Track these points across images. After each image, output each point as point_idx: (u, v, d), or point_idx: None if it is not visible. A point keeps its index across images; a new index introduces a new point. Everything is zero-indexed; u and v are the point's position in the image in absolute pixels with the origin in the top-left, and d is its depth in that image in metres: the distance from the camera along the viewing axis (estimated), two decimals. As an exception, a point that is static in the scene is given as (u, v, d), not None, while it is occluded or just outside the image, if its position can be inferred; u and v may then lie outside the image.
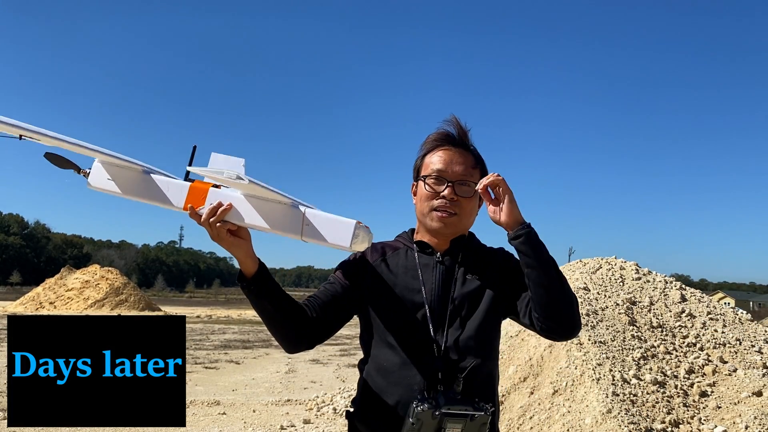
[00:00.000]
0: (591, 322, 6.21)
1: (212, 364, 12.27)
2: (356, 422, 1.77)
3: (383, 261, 1.81)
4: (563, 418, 5.12)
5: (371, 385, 1.74)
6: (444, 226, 1.76)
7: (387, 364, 1.72)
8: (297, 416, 7.45)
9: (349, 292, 1.79)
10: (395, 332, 1.73)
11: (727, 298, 62.07)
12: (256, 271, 1.62)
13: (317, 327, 1.72)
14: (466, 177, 1.75)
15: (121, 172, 1.70)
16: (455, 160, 1.76)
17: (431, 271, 1.77)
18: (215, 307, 43.75)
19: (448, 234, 1.78)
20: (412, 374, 1.68)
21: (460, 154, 1.77)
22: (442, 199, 1.74)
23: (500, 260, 1.82)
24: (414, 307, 1.73)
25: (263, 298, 1.63)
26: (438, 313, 1.73)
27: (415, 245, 1.82)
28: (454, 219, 1.75)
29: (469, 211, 1.78)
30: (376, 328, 1.76)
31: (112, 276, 34.50)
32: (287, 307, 1.66)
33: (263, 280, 1.63)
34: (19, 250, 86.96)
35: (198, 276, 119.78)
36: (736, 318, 7.11)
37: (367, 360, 1.80)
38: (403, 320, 1.73)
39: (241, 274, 1.64)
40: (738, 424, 5.04)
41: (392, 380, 1.70)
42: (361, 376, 1.81)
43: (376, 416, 1.71)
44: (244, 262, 1.62)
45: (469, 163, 1.77)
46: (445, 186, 1.74)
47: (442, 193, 1.74)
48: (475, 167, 1.78)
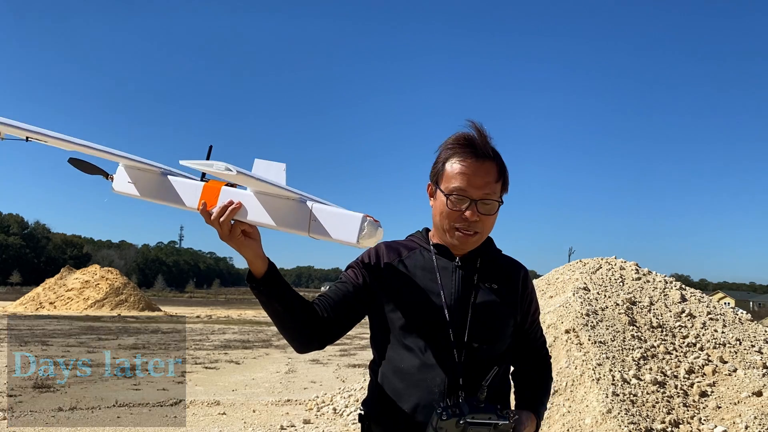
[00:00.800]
0: (591, 322, 6.21)
1: (212, 364, 12.26)
2: (372, 425, 1.74)
3: (400, 261, 1.78)
4: (563, 418, 5.12)
5: (387, 388, 1.71)
6: (464, 245, 1.74)
7: (404, 366, 1.69)
8: (297, 416, 7.45)
9: (362, 292, 1.75)
10: (414, 334, 1.70)
11: (727, 298, 62.08)
12: (266, 272, 1.59)
13: (328, 327, 1.69)
14: (488, 194, 1.69)
15: (141, 174, 1.71)
16: (478, 176, 1.68)
17: (450, 275, 1.75)
18: (215, 307, 43.73)
19: (467, 250, 1.77)
20: (432, 377, 1.66)
21: (483, 168, 1.69)
22: (464, 220, 1.69)
23: (521, 281, 1.85)
24: (433, 310, 1.70)
25: (273, 299, 1.60)
26: (458, 317, 1.70)
27: (432, 248, 1.80)
28: (476, 238, 1.72)
29: (490, 227, 1.76)
30: (392, 330, 1.73)
31: (112, 276, 34.49)
32: (298, 308, 1.64)
33: (273, 280, 1.60)
34: (19, 250, 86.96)
35: (198, 276, 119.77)
36: (736, 318, 7.11)
37: (380, 362, 1.77)
38: (422, 322, 1.70)
39: (251, 275, 1.60)
40: (738, 424, 5.04)
41: (411, 383, 1.67)
42: (374, 378, 1.78)
43: (394, 419, 1.68)
44: (254, 263, 1.58)
45: (491, 176, 1.70)
46: (467, 205, 1.69)
47: (464, 214, 1.69)
48: (498, 180, 1.72)
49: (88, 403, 7.93)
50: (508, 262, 1.86)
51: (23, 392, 8.53)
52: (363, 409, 1.79)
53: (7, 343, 14.68)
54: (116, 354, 13.33)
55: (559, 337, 6.09)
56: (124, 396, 8.43)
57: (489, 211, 1.70)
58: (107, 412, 7.41)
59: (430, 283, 1.73)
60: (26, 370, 10.57)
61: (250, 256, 1.58)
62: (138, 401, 8.10)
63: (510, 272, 1.83)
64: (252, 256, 1.58)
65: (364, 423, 1.77)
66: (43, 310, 30.75)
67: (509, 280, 1.81)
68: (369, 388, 1.82)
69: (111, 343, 15.80)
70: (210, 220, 1.56)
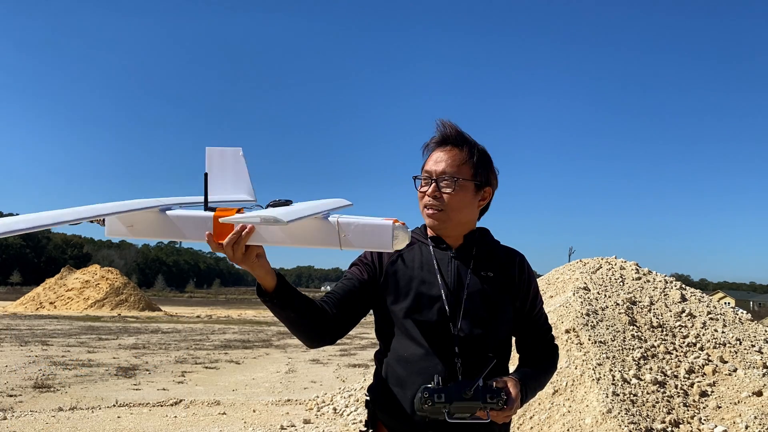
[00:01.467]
0: (591, 322, 6.21)
1: (212, 364, 12.26)
2: (377, 410, 1.84)
3: (399, 256, 1.87)
4: (563, 418, 5.12)
5: (391, 376, 1.81)
6: (434, 222, 1.83)
7: (407, 355, 1.79)
8: (297, 416, 7.45)
9: (366, 287, 1.85)
10: (415, 325, 1.80)
11: (727, 297, 62.02)
12: (277, 285, 1.63)
13: (338, 324, 1.79)
14: (447, 172, 1.80)
15: (138, 217, 1.61)
16: (440, 159, 1.82)
17: (446, 266, 1.84)
18: (215, 307, 43.73)
19: (442, 230, 1.85)
20: (433, 365, 1.75)
21: (448, 152, 1.82)
22: (427, 197, 1.82)
23: (517, 267, 1.90)
24: (432, 301, 1.80)
25: (287, 308, 1.66)
26: (455, 306, 1.79)
27: (430, 241, 1.89)
28: (441, 215, 1.81)
29: (457, 205, 1.81)
30: (395, 321, 1.83)
31: (112, 276, 34.49)
32: (309, 311, 1.71)
33: (285, 292, 1.65)
34: (19, 250, 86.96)
35: (198, 276, 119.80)
36: (736, 318, 7.11)
37: (385, 351, 1.86)
38: (421, 313, 1.79)
39: (261, 289, 1.64)
40: (738, 424, 5.04)
41: (413, 371, 1.76)
42: (379, 366, 1.88)
43: (398, 406, 1.77)
44: (264, 278, 1.61)
45: (454, 159, 1.81)
46: (430, 184, 1.81)
47: (426, 192, 1.82)
48: (465, 164, 1.82)
49: (88, 403, 7.93)
50: (505, 251, 1.94)
51: (23, 392, 8.53)
52: (368, 395, 1.89)
53: (7, 343, 14.68)
54: (116, 354, 13.34)
55: (559, 337, 6.08)
56: (124, 396, 8.44)
57: (448, 186, 1.79)
58: (107, 412, 7.41)
59: (429, 275, 1.83)
60: (26, 370, 10.57)
61: (261, 273, 1.60)
62: (138, 401, 8.10)
63: (506, 260, 1.90)
64: (263, 273, 1.60)
65: (369, 408, 1.86)
66: (43, 310, 30.75)
67: (505, 268, 1.88)
68: (374, 375, 1.92)
69: (111, 343, 15.81)
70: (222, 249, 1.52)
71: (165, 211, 1.60)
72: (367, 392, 1.90)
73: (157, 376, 10.44)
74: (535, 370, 1.89)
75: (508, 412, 1.66)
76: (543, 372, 1.92)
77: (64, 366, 11.17)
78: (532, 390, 1.83)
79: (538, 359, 1.93)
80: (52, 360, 11.90)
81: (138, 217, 1.61)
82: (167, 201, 1.66)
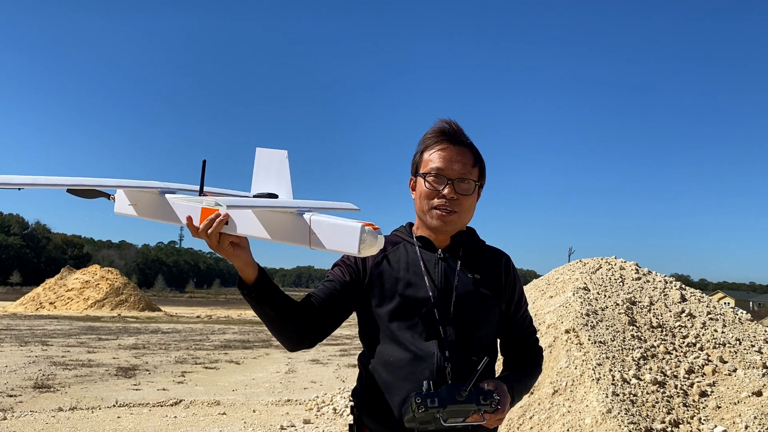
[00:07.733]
0: (591, 322, 6.21)
1: (212, 364, 12.26)
2: (363, 417, 1.78)
3: (385, 257, 1.81)
4: (563, 418, 5.12)
5: (378, 380, 1.74)
6: (444, 224, 1.77)
7: (393, 360, 1.72)
8: (297, 416, 7.45)
9: (349, 289, 1.79)
10: (401, 328, 1.73)
11: (727, 298, 62.10)
12: (257, 278, 1.62)
13: (318, 326, 1.73)
14: (465, 174, 1.76)
15: (141, 196, 1.71)
16: (454, 158, 1.76)
17: (434, 267, 1.79)
18: (215, 307, 43.74)
19: (448, 231, 1.81)
20: (421, 370, 1.69)
21: (459, 152, 1.78)
22: (442, 198, 1.75)
23: (503, 269, 1.86)
24: (419, 303, 1.74)
25: (264, 304, 1.64)
26: (443, 308, 1.74)
27: (416, 240, 1.83)
28: (454, 217, 1.76)
29: (468, 208, 1.80)
30: (380, 324, 1.76)
31: (112, 276, 34.48)
32: (288, 310, 1.67)
33: (264, 286, 1.63)
34: (19, 250, 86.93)
35: (198, 276, 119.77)
36: (736, 318, 7.11)
37: (369, 355, 1.80)
38: (408, 316, 1.74)
39: (241, 281, 1.63)
40: (738, 424, 5.04)
41: (400, 376, 1.70)
42: (363, 371, 1.81)
43: (385, 411, 1.71)
44: (244, 270, 1.61)
45: (468, 160, 1.78)
46: (445, 184, 1.75)
47: (442, 192, 1.75)
48: (474, 165, 1.79)
49: (88, 403, 7.93)
50: (491, 252, 1.90)
51: (23, 392, 8.53)
52: (353, 399, 1.83)
53: (7, 343, 14.67)
54: (116, 354, 13.34)
55: (559, 337, 6.09)
56: (124, 396, 8.44)
57: (467, 190, 1.77)
58: (107, 412, 7.41)
59: (415, 277, 1.77)
60: (26, 370, 10.57)
61: (240, 264, 1.60)
62: (138, 401, 8.11)
63: (492, 261, 1.86)
64: (242, 264, 1.60)
65: (355, 414, 1.80)
66: (43, 310, 30.74)
67: (491, 269, 1.84)
68: (359, 379, 1.85)
69: (111, 343, 15.80)
70: (197, 233, 1.55)
71: (164, 194, 1.67)
72: (351, 397, 1.85)
73: (157, 376, 10.44)
74: (521, 373, 1.84)
75: (500, 415, 1.62)
76: (529, 375, 1.88)
77: (64, 366, 11.17)
78: (519, 393, 1.79)
79: (523, 362, 1.89)
80: (52, 360, 11.90)
81: (140, 197, 1.71)
82: (171, 185, 1.73)
